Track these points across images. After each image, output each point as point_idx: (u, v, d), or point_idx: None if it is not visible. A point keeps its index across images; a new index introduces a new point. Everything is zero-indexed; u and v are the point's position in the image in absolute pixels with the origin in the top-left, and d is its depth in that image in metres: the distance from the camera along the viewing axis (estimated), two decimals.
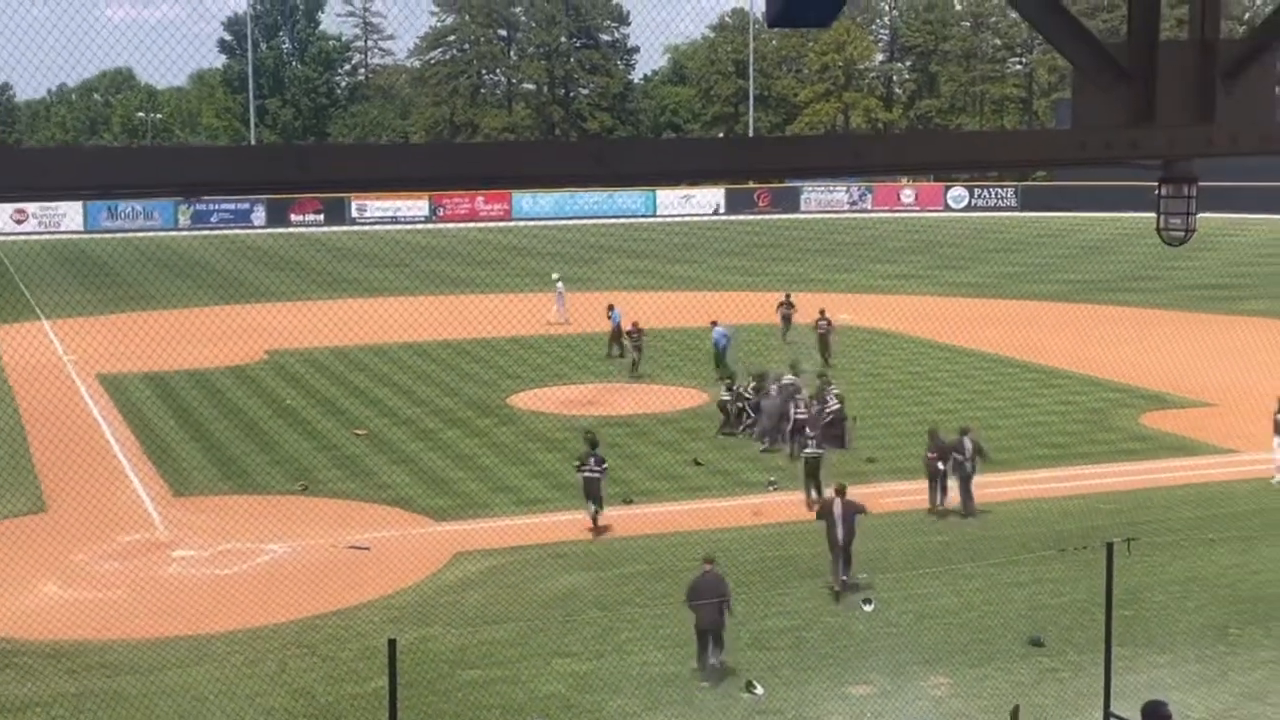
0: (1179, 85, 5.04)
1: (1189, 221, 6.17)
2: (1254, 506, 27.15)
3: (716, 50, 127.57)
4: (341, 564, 24.09)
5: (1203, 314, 50.93)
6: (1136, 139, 4.76)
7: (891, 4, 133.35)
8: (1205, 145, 4.93)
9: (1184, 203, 6.09)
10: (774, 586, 22.47)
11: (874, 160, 4.76)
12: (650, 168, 4.20)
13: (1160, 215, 6.19)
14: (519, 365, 42.71)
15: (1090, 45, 5.01)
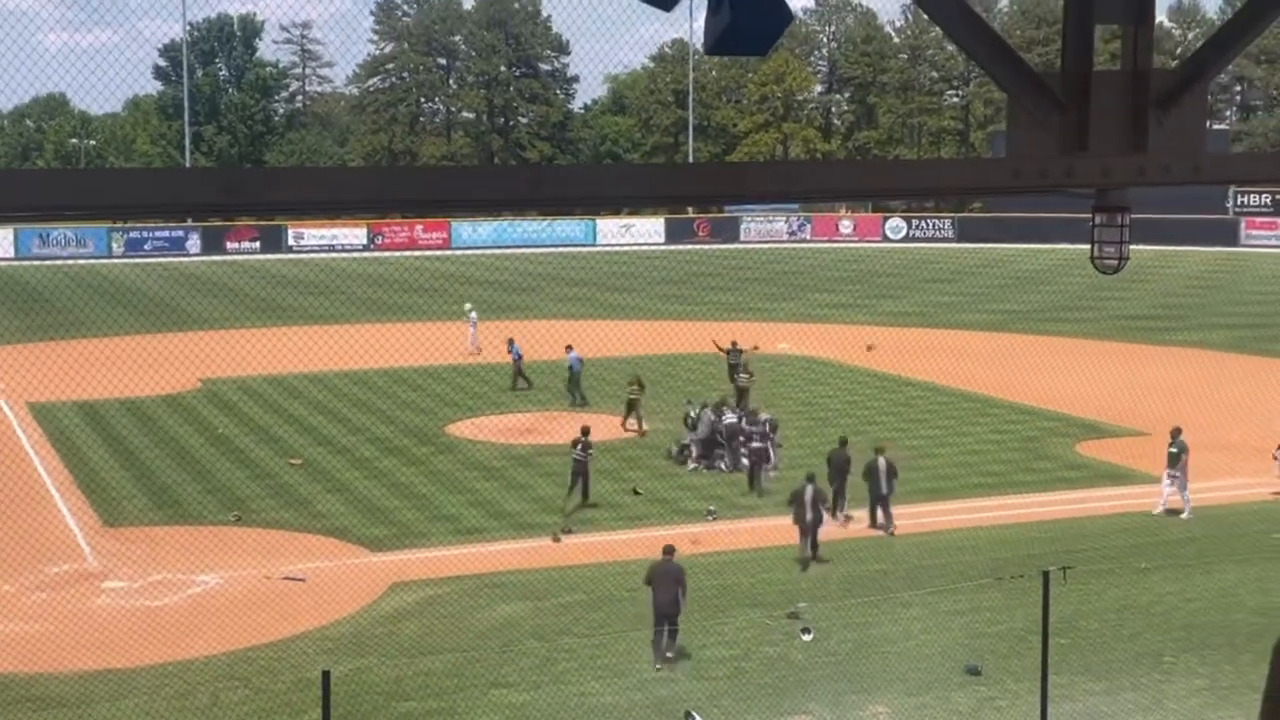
0: (1112, 115, 5.07)
1: (1122, 250, 6.22)
2: (1187, 535, 27.44)
3: (656, 80, 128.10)
4: (275, 595, 23.79)
5: (1135, 344, 51.57)
6: (1070, 167, 4.79)
7: (830, 36, 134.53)
8: (1138, 175, 4.96)
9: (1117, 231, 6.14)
10: (713, 616, 22.42)
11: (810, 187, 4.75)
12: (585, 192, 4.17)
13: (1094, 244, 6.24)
14: (457, 393, 42.52)
15: (1025, 75, 5.04)
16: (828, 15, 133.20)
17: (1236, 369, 45.74)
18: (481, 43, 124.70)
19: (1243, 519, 28.65)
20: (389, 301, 65.44)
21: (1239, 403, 39.54)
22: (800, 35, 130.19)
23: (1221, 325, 56.65)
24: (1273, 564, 25.51)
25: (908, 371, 45.32)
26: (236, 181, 3.58)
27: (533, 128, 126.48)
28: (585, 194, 4.21)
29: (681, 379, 42.49)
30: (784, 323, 57.59)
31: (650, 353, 47.03)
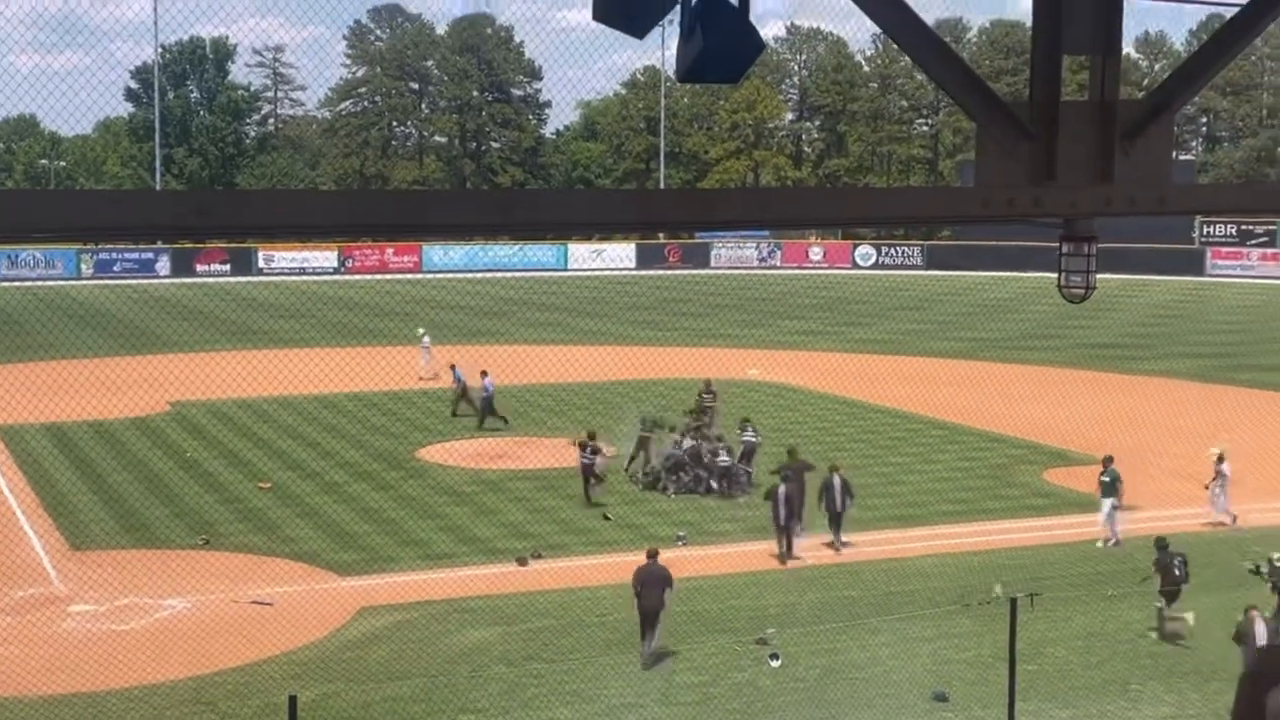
0: (1080, 145, 5.14)
1: (1089, 279, 6.28)
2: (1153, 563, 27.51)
3: (628, 107, 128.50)
4: (243, 619, 23.65)
5: (1103, 372, 51.85)
6: (1038, 197, 4.84)
7: (801, 64, 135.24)
8: (1104, 205, 5.02)
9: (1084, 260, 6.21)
10: (681, 642, 22.40)
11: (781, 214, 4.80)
12: (557, 217, 4.19)
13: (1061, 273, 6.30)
14: (428, 418, 42.41)
15: (993, 105, 5.10)
16: (799, 44, 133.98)
17: (1202, 398, 46.06)
18: (454, 68, 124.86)
19: (1208, 547, 28.76)
20: (359, 325, 65.27)
21: (1205, 431, 39.76)
22: (771, 63, 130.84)
23: (1188, 354, 57.05)
24: (1238, 592, 25.61)
25: (877, 398, 45.46)
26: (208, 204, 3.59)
27: (505, 153, 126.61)
28: (557, 219, 4.24)
29: (652, 405, 42.41)
30: (754, 349, 57.72)
31: (621, 378, 47.03)
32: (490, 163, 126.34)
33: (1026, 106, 5.12)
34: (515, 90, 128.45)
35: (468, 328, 64.29)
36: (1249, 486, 33.93)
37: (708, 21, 6.32)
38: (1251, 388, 48.66)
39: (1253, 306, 78.41)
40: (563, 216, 4.28)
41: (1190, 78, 5.32)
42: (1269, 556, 23.09)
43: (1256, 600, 21.31)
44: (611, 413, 42.04)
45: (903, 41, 4.95)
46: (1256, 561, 23.34)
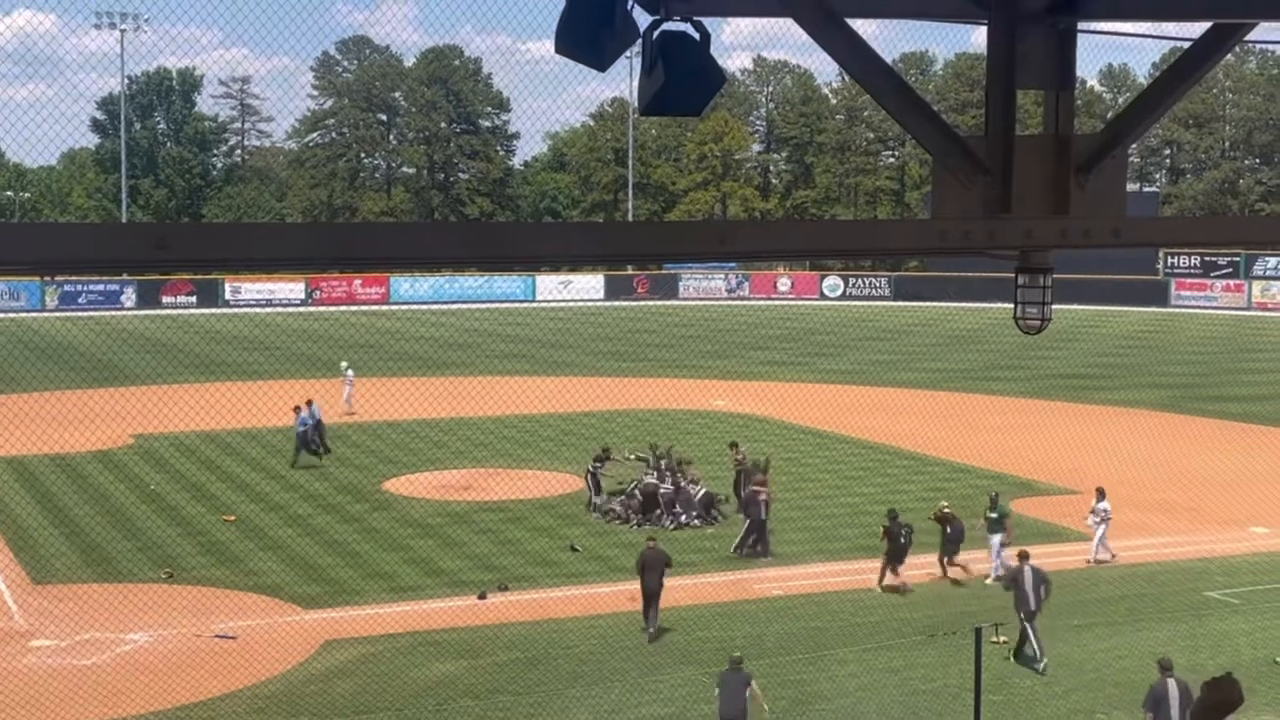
0: (1035, 179, 5.20)
1: (1044, 311, 6.34)
2: (1119, 593, 27.69)
3: (596, 138, 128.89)
4: (206, 653, 23.46)
5: (1068, 403, 52.14)
6: (994, 230, 4.89)
7: (768, 96, 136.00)
8: (1060, 237, 5.08)
9: (1039, 292, 6.26)
10: (650, 673, 22.35)
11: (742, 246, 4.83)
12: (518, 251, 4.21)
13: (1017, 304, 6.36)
14: (394, 450, 42.25)
15: (950, 140, 5.16)
16: (765, 76, 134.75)
17: (1167, 428, 46.37)
18: (422, 99, 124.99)
19: (1172, 577, 28.98)
20: (326, 357, 65.00)
21: (1169, 461, 40.08)
22: (738, 95, 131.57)
23: (1153, 385, 57.45)
24: (1201, 622, 25.80)
25: (844, 429, 45.57)
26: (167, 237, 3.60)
27: (473, 184, 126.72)
28: (519, 252, 4.26)
29: (620, 436, 42.42)
30: (721, 380, 57.81)
31: (588, 409, 47.03)
32: (458, 194, 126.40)
33: (983, 141, 5.18)
34: (483, 121, 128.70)
35: (435, 359, 64.19)
36: (1212, 517, 34.20)
37: (669, 55, 6.39)
38: (1216, 418, 49.03)
39: (1217, 338, 79.07)
40: (524, 249, 4.30)
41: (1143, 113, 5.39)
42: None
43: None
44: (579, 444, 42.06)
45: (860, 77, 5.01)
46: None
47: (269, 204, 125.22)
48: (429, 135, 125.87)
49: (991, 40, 5.19)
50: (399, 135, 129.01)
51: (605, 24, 6.77)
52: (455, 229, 4.04)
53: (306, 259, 3.78)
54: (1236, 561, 30.13)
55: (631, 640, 24.17)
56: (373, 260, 4.12)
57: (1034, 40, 5.16)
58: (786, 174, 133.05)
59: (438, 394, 47.58)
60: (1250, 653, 23.91)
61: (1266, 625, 25.49)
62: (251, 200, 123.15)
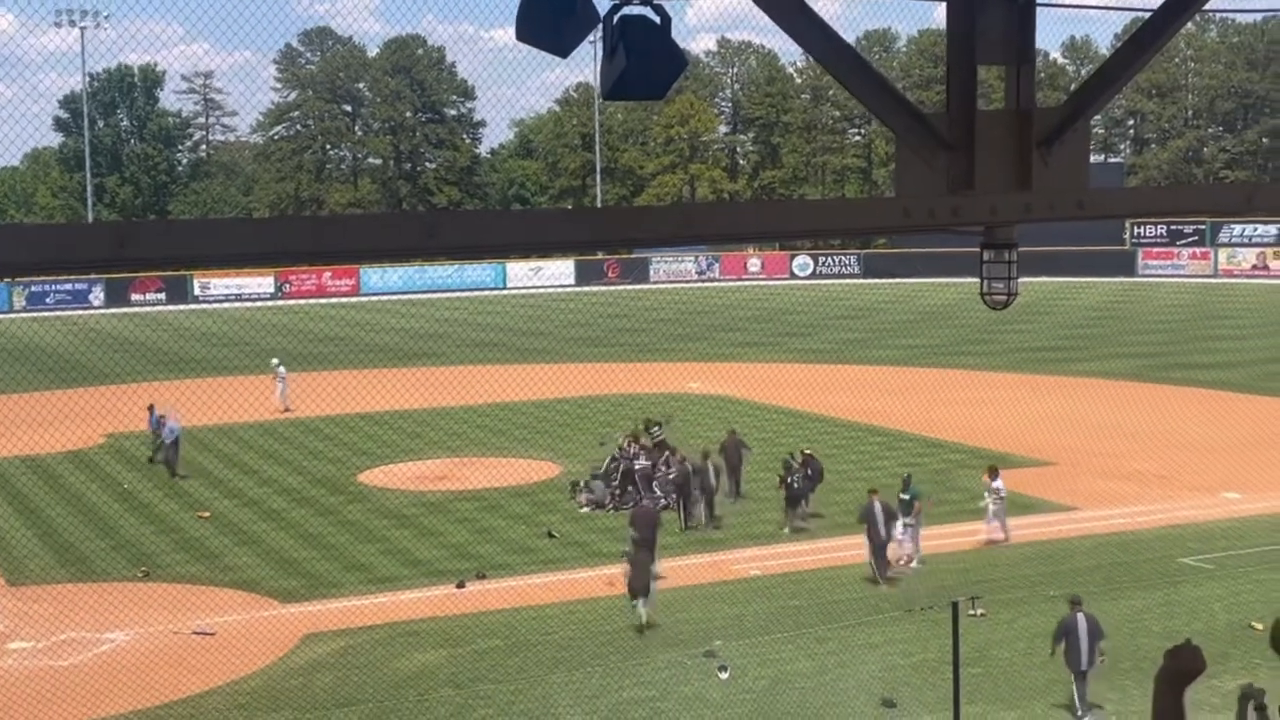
0: (997, 154, 5.21)
1: (1010, 286, 6.37)
2: (1094, 563, 27.87)
3: (562, 124, 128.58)
4: (185, 650, 23.40)
5: (1038, 375, 52.40)
6: (958, 206, 4.91)
7: (733, 77, 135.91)
8: (1024, 211, 5.10)
9: (1005, 267, 6.29)
10: (630, 657, 22.41)
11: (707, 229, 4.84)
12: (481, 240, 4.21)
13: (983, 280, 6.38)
14: (368, 441, 42.16)
15: (912, 117, 5.17)
16: (730, 57, 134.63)
17: (1137, 397, 46.63)
18: (387, 89, 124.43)
19: (1146, 545, 29.17)
20: (297, 350, 64.73)
21: (1140, 430, 40.33)
22: (704, 77, 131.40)
23: (1122, 355, 57.78)
24: (1176, 588, 26.01)
25: (817, 408, 45.67)
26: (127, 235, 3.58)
27: (440, 172, 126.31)
28: (482, 240, 4.25)
29: (595, 421, 42.44)
30: (694, 362, 57.86)
31: (562, 396, 47.00)
32: (426, 183, 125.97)
33: (945, 117, 5.20)
34: (449, 110, 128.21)
35: (407, 350, 64.04)
36: (1184, 484, 34.46)
37: (630, 40, 6.38)
38: (1185, 385, 49.36)
39: (1184, 305, 79.54)
40: (487, 238, 4.29)
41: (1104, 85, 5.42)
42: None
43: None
44: (554, 431, 42.10)
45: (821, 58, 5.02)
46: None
47: (235, 199, 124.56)
48: (394, 125, 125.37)
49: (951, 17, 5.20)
50: (364, 126, 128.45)
51: (566, 10, 6.76)
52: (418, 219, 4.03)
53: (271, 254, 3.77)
54: (1209, 527, 30.37)
55: (611, 624, 24.21)
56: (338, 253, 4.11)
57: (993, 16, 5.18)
58: (754, 155, 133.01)
59: (411, 384, 47.58)
60: (1225, 617, 24.12)
61: (1240, 590, 25.71)
62: (218, 195, 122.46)
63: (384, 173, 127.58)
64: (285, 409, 47.30)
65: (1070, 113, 5.30)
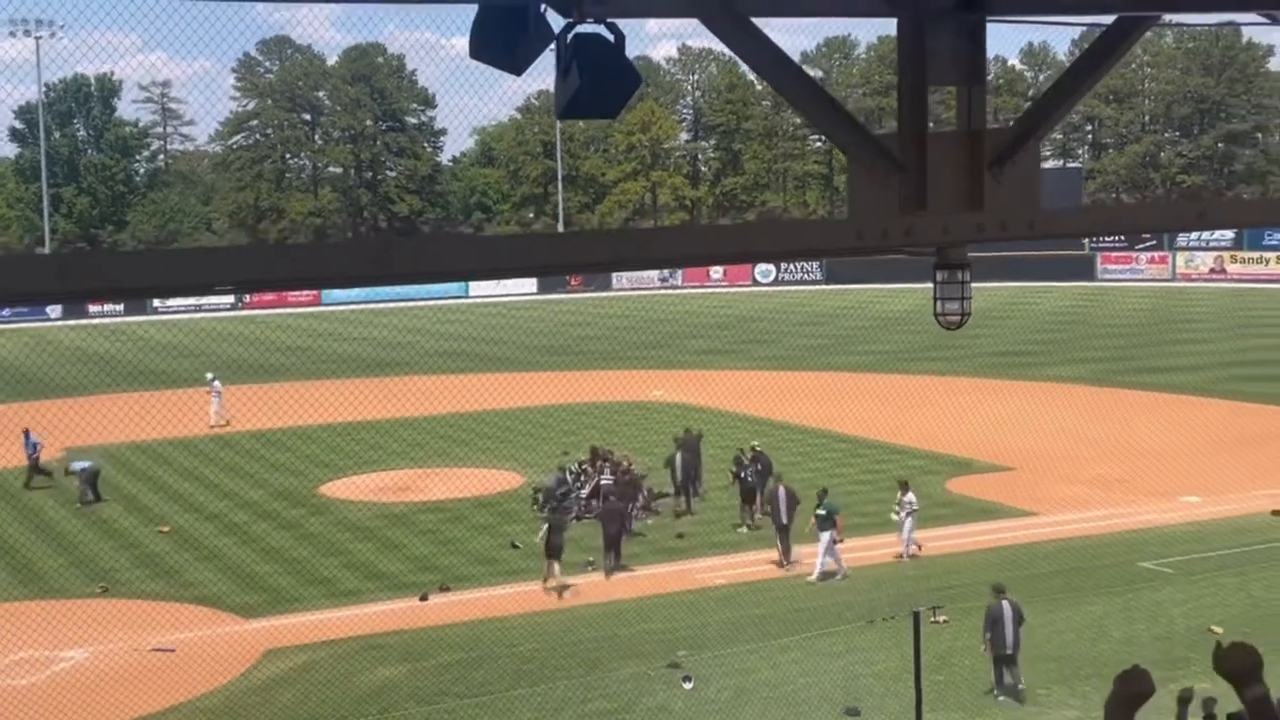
0: (949, 174, 5.22)
1: (964, 305, 6.37)
2: (1055, 568, 28.00)
3: (524, 132, 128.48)
4: (145, 668, 23.20)
5: (999, 381, 52.67)
6: (910, 227, 4.91)
7: (694, 84, 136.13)
8: (976, 232, 5.10)
9: (958, 287, 6.30)
10: (593, 670, 22.35)
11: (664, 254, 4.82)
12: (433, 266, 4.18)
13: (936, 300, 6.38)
14: (330, 453, 41.93)
15: (864, 138, 5.17)
16: (691, 64, 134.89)
17: (1097, 402, 46.95)
18: (346, 98, 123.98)
19: (1107, 549, 29.35)
20: (258, 362, 64.39)
21: (1100, 435, 40.57)
22: (665, 84, 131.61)
23: (1082, 360, 58.11)
24: (1136, 593, 26.16)
25: (780, 415, 45.75)
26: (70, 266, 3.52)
27: (401, 181, 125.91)
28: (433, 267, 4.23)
29: (557, 430, 42.42)
30: (658, 370, 57.84)
31: (525, 405, 46.93)
32: (387, 192, 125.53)
33: (896, 138, 5.20)
34: (409, 118, 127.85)
35: (369, 359, 63.77)
36: (1144, 488, 34.68)
37: (583, 59, 6.34)
38: (1144, 390, 49.72)
39: (1143, 310, 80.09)
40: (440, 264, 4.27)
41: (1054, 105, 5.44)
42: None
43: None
44: (517, 440, 42.00)
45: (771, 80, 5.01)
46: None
47: (194, 208, 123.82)
48: (355, 134, 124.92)
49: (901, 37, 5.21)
50: (324, 135, 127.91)
51: (519, 28, 6.72)
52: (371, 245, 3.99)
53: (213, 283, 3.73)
54: (1169, 532, 30.58)
55: (575, 635, 24.16)
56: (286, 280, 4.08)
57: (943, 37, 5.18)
58: (715, 161, 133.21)
59: (373, 395, 47.38)
60: (1184, 622, 24.28)
61: (1200, 594, 25.89)
62: (176, 205, 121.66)
63: (344, 181, 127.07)
64: (222, 424, 46.49)
65: (1021, 132, 5.31)
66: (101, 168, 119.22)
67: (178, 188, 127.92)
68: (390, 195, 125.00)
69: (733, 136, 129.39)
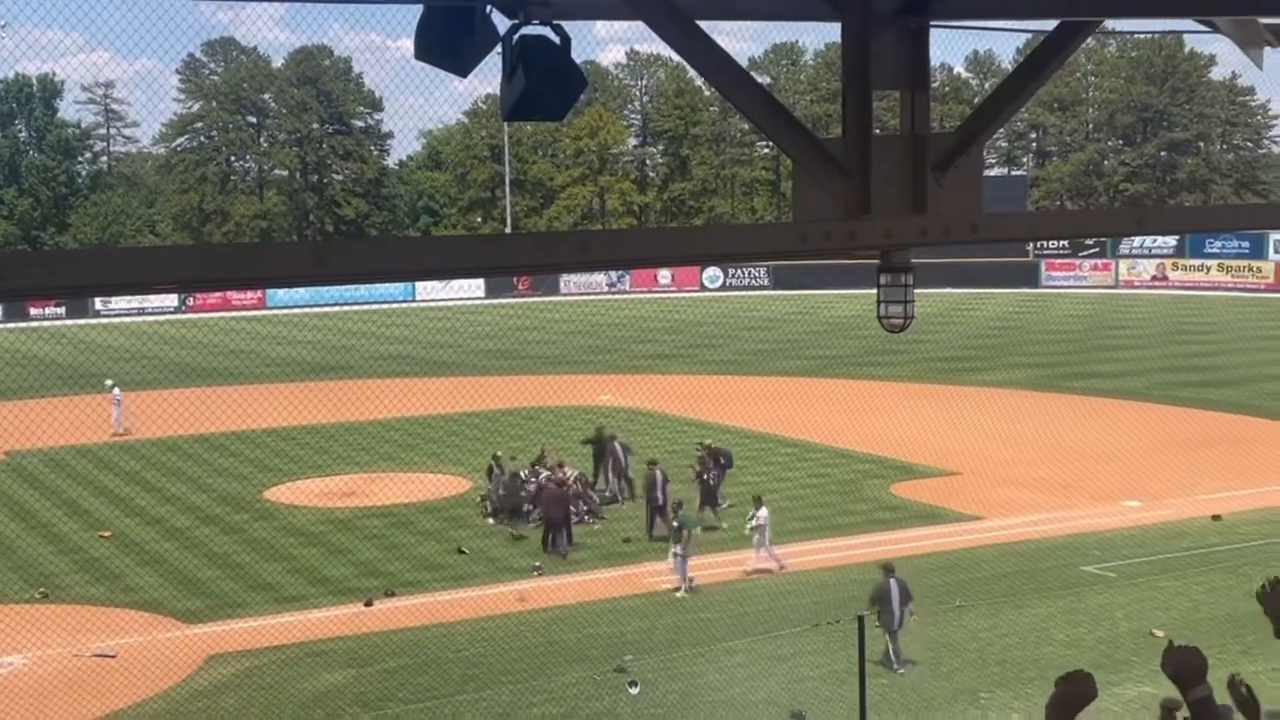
0: (893, 178, 5.25)
1: (907, 309, 6.41)
2: (999, 571, 28.23)
3: (471, 135, 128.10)
4: (86, 674, 22.94)
5: (944, 385, 53.04)
6: (854, 230, 4.93)
7: (642, 89, 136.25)
8: (920, 235, 5.14)
9: (901, 291, 6.33)
10: (539, 673, 22.31)
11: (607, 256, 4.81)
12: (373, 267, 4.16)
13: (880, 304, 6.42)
14: (275, 457, 41.63)
15: (808, 142, 5.19)
16: (639, 69, 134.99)
17: (1039, 407, 47.38)
18: (292, 100, 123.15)
19: (1049, 553, 29.61)
20: (201, 365, 63.93)
21: (1041, 439, 40.93)
22: (613, 89, 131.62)
23: (1024, 364, 58.64)
24: (1079, 596, 26.40)
25: (727, 419, 45.84)
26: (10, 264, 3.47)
27: (347, 184, 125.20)
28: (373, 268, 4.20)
29: (504, 435, 42.28)
30: (605, 374, 57.83)
31: (472, 409, 46.78)
32: (333, 195, 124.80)
33: (840, 142, 5.23)
34: (356, 121, 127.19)
35: (315, 363, 63.33)
36: (1086, 492, 35.03)
37: (529, 61, 6.34)
38: (1085, 394, 50.23)
39: (1084, 315, 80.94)
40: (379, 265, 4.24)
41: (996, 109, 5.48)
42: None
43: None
44: (464, 445, 41.85)
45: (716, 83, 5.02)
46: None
47: (138, 211, 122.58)
48: (300, 137, 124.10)
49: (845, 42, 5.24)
50: (270, 137, 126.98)
51: (464, 29, 6.71)
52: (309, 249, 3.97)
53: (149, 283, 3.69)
54: (1111, 535, 30.89)
55: (522, 641, 24.11)
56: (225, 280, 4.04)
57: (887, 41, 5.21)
58: (663, 167, 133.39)
59: (318, 399, 47.05)
60: (1127, 624, 24.53)
61: (1142, 597, 26.17)
62: (119, 208, 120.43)
63: (290, 185, 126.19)
64: (122, 432, 45.45)
65: (964, 137, 5.35)
66: (43, 169, 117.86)
67: (121, 190, 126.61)
68: (336, 199, 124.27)
69: (681, 142, 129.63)
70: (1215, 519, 31.91)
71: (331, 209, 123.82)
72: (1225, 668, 16.60)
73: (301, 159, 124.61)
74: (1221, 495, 33.89)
